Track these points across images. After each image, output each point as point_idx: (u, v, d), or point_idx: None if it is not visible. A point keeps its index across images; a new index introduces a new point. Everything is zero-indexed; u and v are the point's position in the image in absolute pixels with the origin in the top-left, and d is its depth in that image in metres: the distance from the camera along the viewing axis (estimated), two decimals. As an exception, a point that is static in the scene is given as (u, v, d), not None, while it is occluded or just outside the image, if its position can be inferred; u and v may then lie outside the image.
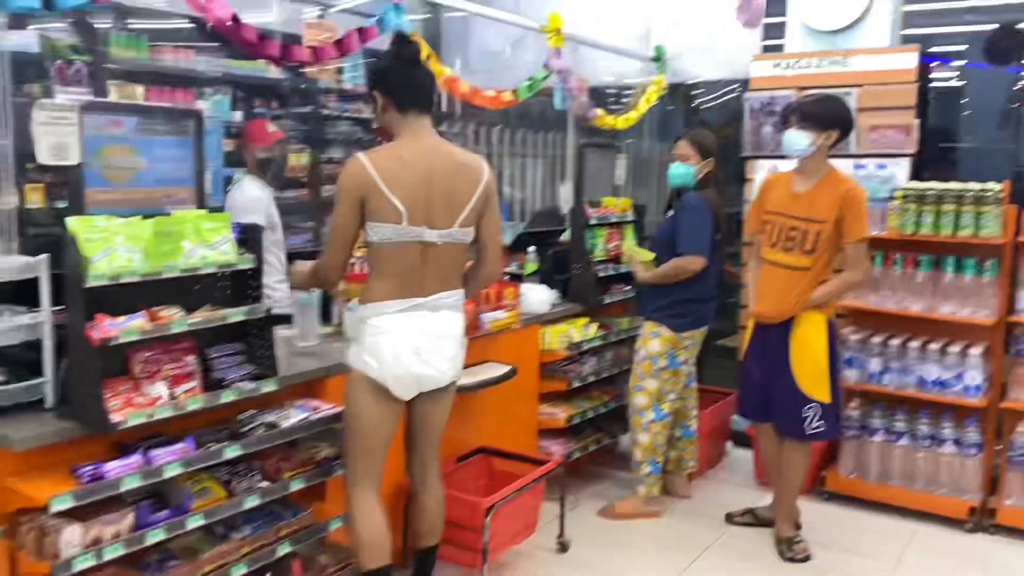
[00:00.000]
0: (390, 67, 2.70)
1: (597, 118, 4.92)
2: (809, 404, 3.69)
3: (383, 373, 2.69)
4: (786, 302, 3.66)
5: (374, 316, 2.69)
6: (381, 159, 2.63)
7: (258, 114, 5.71)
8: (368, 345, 2.69)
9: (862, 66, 4.63)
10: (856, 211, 3.55)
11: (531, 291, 4.24)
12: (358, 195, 2.60)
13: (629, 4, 5.86)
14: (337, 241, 2.70)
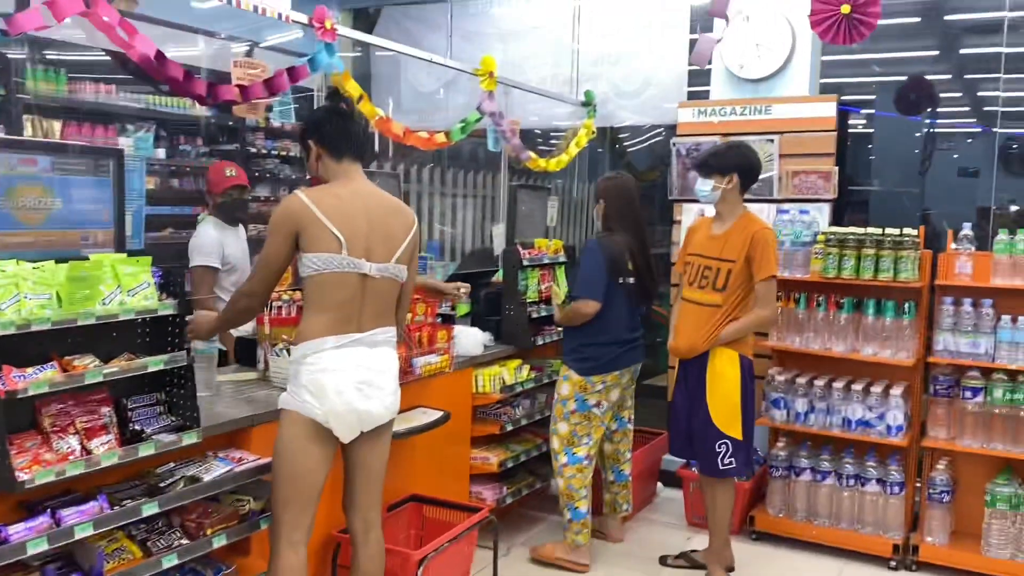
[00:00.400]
0: (325, 118, 2.76)
1: (530, 160, 4.94)
2: (722, 440, 3.80)
3: (326, 411, 2.63)
4: (697, 337, 3.81)
5: (313, 353, 2.64)
6: (318, 194, 2.67)
7: (182, 151, 5.56)
8: (308, 383, 2.63)
9: (784, 114, 4.78)
10: (763, 250, 3.70)
11: (464, 333, 4.20)
12: (294, 228, 2.62)
13: (559, 50, 5.95)
14: (265, 271, 2.69)
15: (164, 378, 2.70)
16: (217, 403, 3.12)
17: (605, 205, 4.04)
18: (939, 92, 6.48)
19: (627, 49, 5.69)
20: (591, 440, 4.05)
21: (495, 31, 6.18)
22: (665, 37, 5.57)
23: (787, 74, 4.85)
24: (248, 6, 2.67)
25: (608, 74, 5.76)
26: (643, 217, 4.09)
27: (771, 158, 4.76)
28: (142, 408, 2.62)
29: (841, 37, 3.68)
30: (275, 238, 2.63)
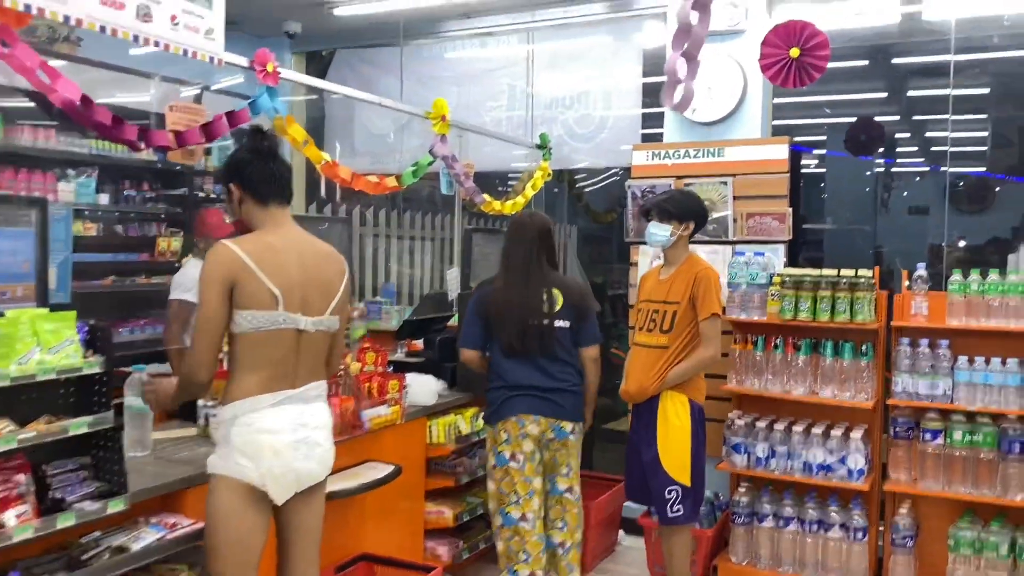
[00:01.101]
0: (247, 159, 2.62)
1: (484, 203, 4.86)
2: (671, 486, 3.76)
3: (262, 473, 2.48)
4: (646, 379, 3.80)
5: (246, 413, 2.50)
6: (250, 245, 2.53)
7: (127, 197, 5.40)
8: (241, 445, 2.48)
9: (737, 156, 4.77)
10: (705, 289, 3.73)
11: (417, 382, 4.07)
12: (228, 282, 2.46)
13: (514, 93, 5.93)
14: (207, 334, 2.48)
15: (90, 440, 2.54)
16: (152, 463, 2.96)
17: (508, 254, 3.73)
18: (889, 133, 6.58)
19: (581, 91, 5.70)
20: (519, 498, 3.58)
21: (450, 74, 6.16)
22: (618, 80, 5.58)
23: (739, 117, 4.87)
24: (178, 50, 2.56)
25: (563, 117, 5.75)
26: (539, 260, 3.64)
27: (725, 200, 4.75)
28: (64, 474, 2.46)
29: (791, 80, 3.68)
30: (210, 293, 2.46)
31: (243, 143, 2.65)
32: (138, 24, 2.46)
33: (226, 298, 2.46)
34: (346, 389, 3.49)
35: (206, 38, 2.68)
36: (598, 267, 8.06)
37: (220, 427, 2.55)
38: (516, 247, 3.68)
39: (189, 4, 2.63)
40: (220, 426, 2.54)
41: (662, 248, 3.92)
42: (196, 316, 2.49)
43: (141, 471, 2.81)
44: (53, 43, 4.82)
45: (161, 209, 5.57)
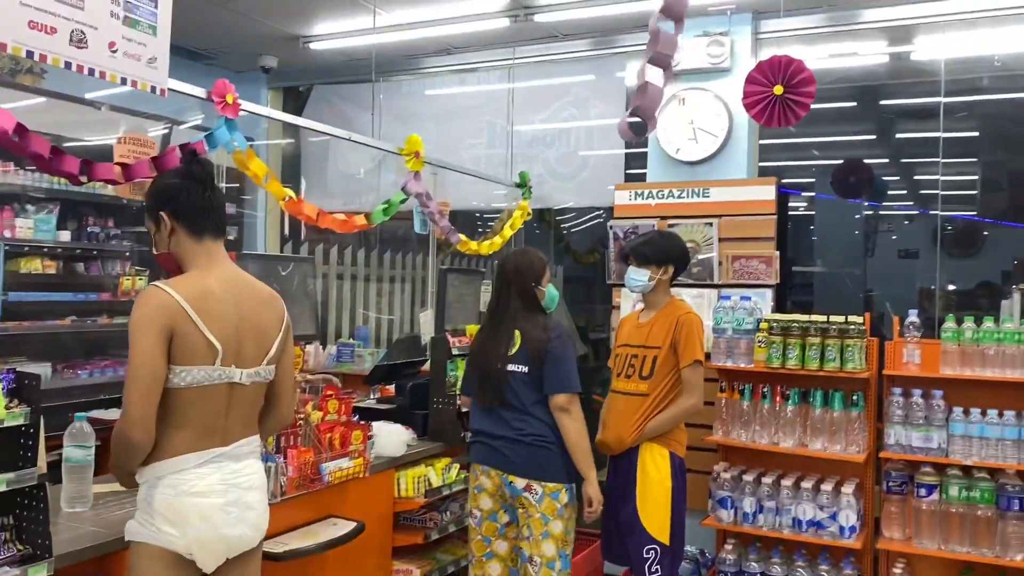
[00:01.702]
0: (180, 186, 2.36)
1: (460, 243, 4.69)
2: (650, 545, 3.55)
3: (188, 542, 2.23)
4: (624, 429, 3.62)
5: (170, 474, 2.24)
6: (188, 289, 2.26)
7: (90, 233, 5.18)
8: (164, 510, 2.23)
9: (722, 197, 4.64)
10: (687, 335, 3.57)
11: (384, 432, 3.84)
12: (167, 330, 2.19)
13: (494, 131, 5.80)
14: (142, 387, 2.16)
15: (15, 498, 2.30)
16: (91, 520, 2.72)
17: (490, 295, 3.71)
18: (877, 175, 6.47)
19: (563, 130, 5.57)
20: (474, 559, 3.45)
21: (428, 111, 6.04)
22: (601, 118, 5.46)
23: (724, 157, 4.75)
24: (115, 79, 2.38)
25: (544, 155, 5.62)
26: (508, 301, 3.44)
27: (710, 242, 4.60)
28: (-18, 537, 2.22)
29: (776, 119, 3.55)
30: (145, 341, 2.15)
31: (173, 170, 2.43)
32: (71, 50, 2.28)
33: (164, 347, 2.19)
34: (305, 440, 3.27)
35: (148, 66, 2.50)
36: (581, 309, 7.88)
37: (141, 489, 2.29)
38: (494, 288, 3.58)
39: (130, 31, 2.45)
40: (141, 488, 2.29)
41: (642, 292, 3.77)
42: (128, 367, 2.21)
43: (77, 530, 2.57)
44: (16, 75, 4.65)
45: (126, 247, 5.35)
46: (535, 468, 3.29)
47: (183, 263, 2.36)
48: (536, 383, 3.32)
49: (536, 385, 3.32)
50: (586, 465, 3.32)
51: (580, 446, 3.30)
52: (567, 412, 3.29)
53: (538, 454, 3.29)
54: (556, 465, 3.31)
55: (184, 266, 2.36)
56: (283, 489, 3.08)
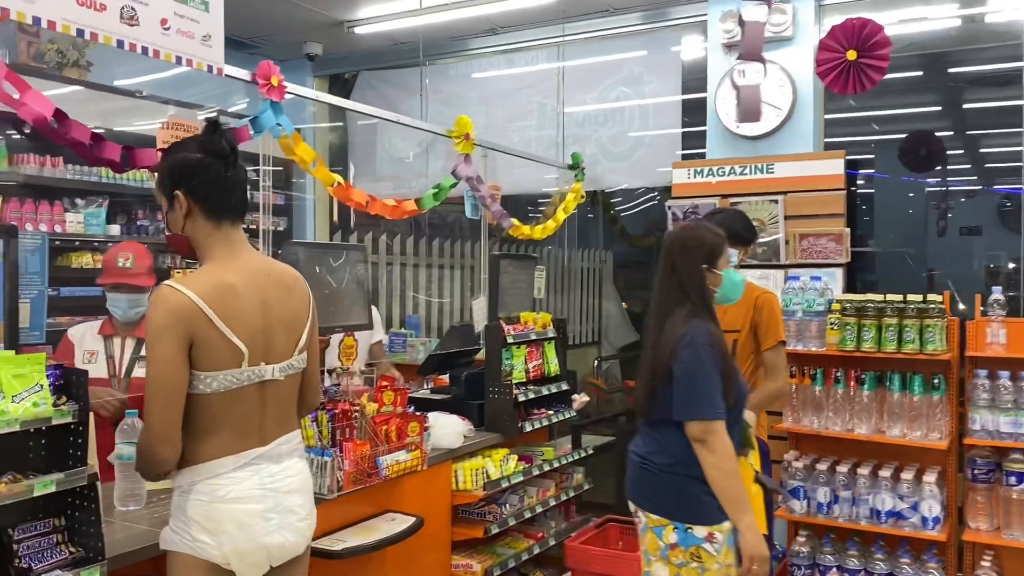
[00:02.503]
0: (199, 163, 2.12)
1: (512, 228, 4.54)
2: None
3: (225, 552, 2.11)
4: None
5: (205, 480, 2.11)
6: (207, 288, 2.07)
7: (140, 226, 5.16)
8: (199, 518, 2.10)
9: (787, 172, 4.41)
10: (768, 315, 3.44)
11: (440, 424, 3.72)
12: (186, 336, 2.03)
13: (544, 112, 5.64)
14: (164, 399, 2.03)
15: (64, 499, 2.22)
16: (146, 518, 2.64)
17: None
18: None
19: (615, 108, 5.38)
20: None
21: (476, 94, 5.89)
22: (655, 95, 5.26)
23: (788, 131, 4.51)
24: (169, 58, 2.28)
25: (596, 135, 5.43)
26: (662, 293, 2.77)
27: (776, 220, 4.38)
28: (33, 538, 2.14)
29: (850, 85, 3.33)
30: (164, 349, 2.01)
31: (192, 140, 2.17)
32: (122, 28, 2.17)
33: (184, 355, 2.04)
34: (361, 433, 3.16)
35: (202, 44, 2.39)
36: (635, 295, 7.69)
37: (174, 495, 2.17)
38: (657, 271, 2.85)
39: (182, 7, 2.34)
40: (174, 494, 2.17)
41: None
42: (147, 377, 2.05)
43: (130, 529, 2.50)
44: (62, 68, 4.61)
45: (176, 239, 5.32)
46: (637, 493, 2.78)
47: (198, 248, 2.17)
48: (667, 400, 2.64)
49: (667, 403, 2.65)
50: (733, 508, 2.58)
51: (720, 485, 2.57)
52: (703, 443, 2.57)
53: (643, 476, 2.75)
54: (662, 495, 2.68)
55: (199, 252, 2.17)
56: (340, 484, 2.97)
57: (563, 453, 4.37)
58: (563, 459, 4.33)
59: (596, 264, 7.76)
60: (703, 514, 2.60)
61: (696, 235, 2.76)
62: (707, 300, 2.71)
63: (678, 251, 2.73)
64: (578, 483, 4.48)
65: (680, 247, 2.73)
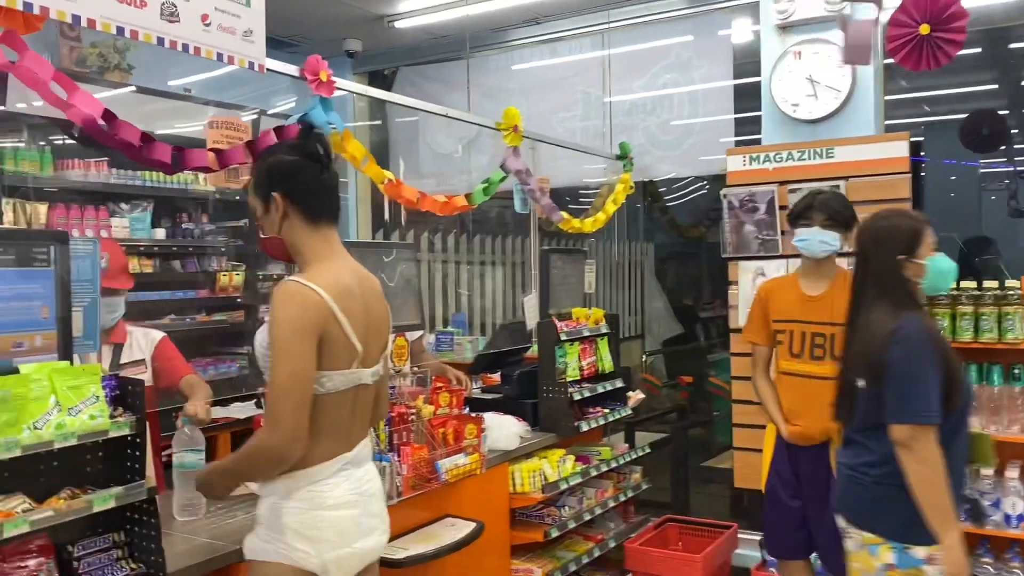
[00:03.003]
0: (297, 165, 2.11)
1: (563, 221, 4.41)
2: None
3: (324, 560, 2.05)
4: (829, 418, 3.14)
5: (305, 487, 2.06)
6: (331, 284, 2.04)
7: (185, 230, 5.12)
8: (297, 526, 2.04)
9: (849, 156, 4.22)
10: None
11: (497, 425, 3.62)
12: (319, 332, 1.99)
13: (588, 101, 5.50)
14: (297, 396, 1.96)
15: (123, 513, 2.15)
16: (205, 529, 2.57)
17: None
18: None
19: (664, 96, 5.22)
20: None
21: (517, 86, 5.76)
22: (705, 81, 5.09)
23: (848, 113, 4.32)
24: (210, 55, 2.19)
25: (644, 124, 5.27)
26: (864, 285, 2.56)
27: (838, 206, 4.19)
28: (93, 555, 2.08)
29: (923, 61, 3.15)
30: (299, 345, 1.95)
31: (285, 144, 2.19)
32: (162, 25, 2.09)
33: (315, 352, 1.99)
34: (418, 437, 3.06)
35: (244, 40, 2.30)
36: (684, 288, 7.53)
37: (264, 503, 2.11)
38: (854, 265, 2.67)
39: (224, 1, 2.25)
40: (264, 502, 2.11)
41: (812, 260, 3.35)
42: (276, 374, 1.97)
43: (190, 542, 2.43)
44: (104, 72, 4.57)
45: (221, 242, 5.28)
46: (847, 508, 2.56)
47: (296, 251, 2.14)
48: (878, 402, 2.42)
49: (878, 405, 2.42)
50: (938, 522, 2.31)
51: (924, 495, 2.31)
52: (908, 449, 2.32)
53: (853, 489, 2.51)
54: (877, 510, 2.45)
55: (297, 255, 2.14)
56: (399, 490, 2.88)
57: (620, 452, 4.24)
58: (621, 459, 4.21)
59: (638, 257, 7.61)
60: (924, 533, 2.33)
61: (889, 224, 2.52)
62: (912, 294, 2.47)
63: (870, 243, 2.53)
64: (636, 483, 4.35)
65: (871, 239, 2.53)
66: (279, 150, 2.17)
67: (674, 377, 6.77)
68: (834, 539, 3.16)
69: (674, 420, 6.17)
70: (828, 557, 3.30)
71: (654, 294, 7.75)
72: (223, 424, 4.08)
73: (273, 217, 2.11)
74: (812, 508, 3.33)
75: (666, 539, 4.51)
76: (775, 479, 3.46)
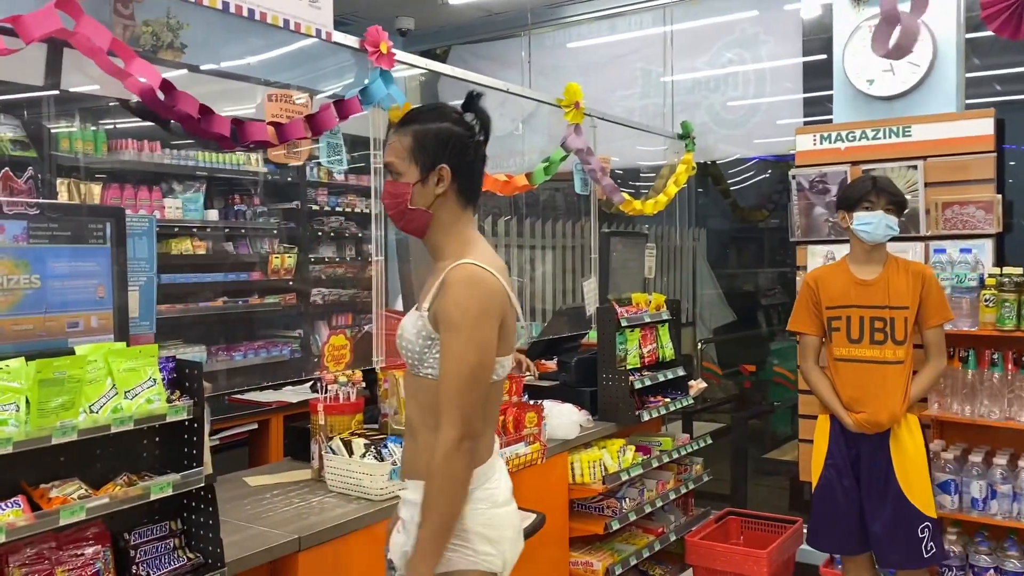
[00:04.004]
0: (468, 140, 1.90)
1: (624, 203, 4.25)
2: (924, 522, 3.19)
3: (506, 559, 1.93)
4: (895, 403, 3.23)
5: (482, 486, 1.90)
6: (499, 269, 1.89)
7: (238, 211, 5.07)
8: (481, 528, 1.87)
9: (928, 135, 4.00)
10: (938, 292, 3.28)
11: (556, 413, 3.50)
12: (501, 318, 1.86)
13: (648, 79, 5.31)
14: (480, 387, 1.82)
15: (182, 500, 2.08)
16: (258, 518, 2.49)
17: None
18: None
19: (727, 73, 5.01)
20: None
21: (574, 64, 5.60)
22: (772, 58, 4.88)
23: (928, 89, 4.10)
24: (277, 20, 2.08)
25: (707, 102, 5.07)
26: None
27: (915, 187, 3.98)
28: (150, 543, 2.00)
29: (1022, 30, 2.93)
30: (488, 331, 1.80)
31: (450, 110, 1.93)
32: (227, -11, 1.98)
33: (497, 340, 1.86)
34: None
35: (310, 6, 2.19)
36: (744, 273, 7.29)
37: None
38: None
39: (287, -35, 2.15)
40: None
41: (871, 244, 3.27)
42: (461, 364, 1.80)
43: (245, 530, 2.35)
44: (157, 51, 4.53)
45: (273, 224, 5.23)
46: None
47: (442, 230, 1.93)
48: None
49: None
50: None
51: None
52: None
53: None
54: None
55: (443, 235, 1.93)
56: (459, 480, 2.77)
57: (681, 443, 4.10)
58: (682, 449, 4.06)
59: (689, 241, 7.41)
60: None
61: None
62: None
63: None
64: (697, 474, 4.21)
65: None
66: (445, 116, 1.92)
67: (729, 366, 6.58)
68: (890, 531, 3.18)
69: (730, 410, 5.98)
70: (882, 550, 3.26)
71: (706, 280, 7.54)
72: (276, 407, 4.02)
73: (430, 189, 1.89)
74: (870, 499, 3.25)
75: (727, 533, 4.36)
76: (831, 472, 3.34)
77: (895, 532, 3.20)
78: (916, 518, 3.18)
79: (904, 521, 3.19)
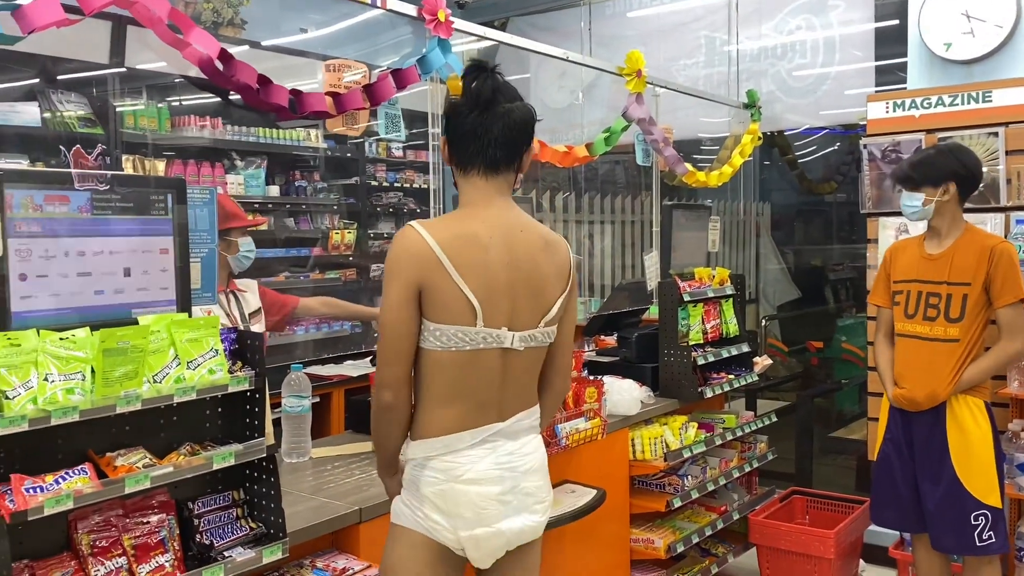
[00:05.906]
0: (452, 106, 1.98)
1: (687, 174, 4.15)
2: (980, 510, 3.04)
3: (460, 536, 1.92)
4: (937, 382, 3.08)
5: (441, 455, 1.92)
6: (444, 232, 1.90)
7: (298, 187, 5.11)
8: (433, 497, 1.92)
9: (1009, 100, 3.80)
10: (1008, 268, 3.06)
11: (617, 389, 3.44)
12: (416, 280, 1.87)
13: (712, 47, 5.16)
14: (389, 344, 1.91)
15: (243, 470, 2.09)
16: (320, 489, 2.50)
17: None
18: None
19: (796, 40, 4.84)
20: None
21: (634, 33, 5.48)
22: (843, 24, 4.69)
23: (1011, 52, 3.89)
24: (335, -14, 2.05)
25: (773, 70, 4.91)
26: None
27: (995, 156, 3.79)
28: (213, 512, 2.02)
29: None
30: (392, 291, 1.88)
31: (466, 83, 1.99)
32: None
33: (412, 300, 1.88)
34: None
35: (366, -26, 2.15)
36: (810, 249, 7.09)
37: (407, 468, 2.00)
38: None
39: (343, -68, 2.11)
40: (407, 466, 2.00)
41: (924, 220, 3.20)
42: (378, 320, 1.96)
43: (306, 501, 2.37)
44: (218, 28, 4.56)
45: (333, 200, 5.26)
46: None
47: (460, 198, 2.01)
48: None
49: None
50: None
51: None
52: None
53: None
54: None
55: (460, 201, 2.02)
56: (518, 455, 2.75)
57: (745, 420, 4.01)
58: (746, 427, 3.98)
59: (752, 216, 7.23)
60: None
61: None
62: None
63: None
64: (762, 452, 4.12)
65: None
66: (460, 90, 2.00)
67: (793, 344, 6.42)
68: (941, 513, 3.07)
69: (795, 388, 5.84)
70: (935, 531, 3.13)
71: (769, 255, 7.37)
72: (337, 381, 4.05)
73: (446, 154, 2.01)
74: (924, 478, 3.14)
75: (792, 512, 4.26)
76: (888, 446, 3.26)
77: (946, 515, 3.08)
78: (970, 504, 3.04)
79: (956, 505, 3.06)
